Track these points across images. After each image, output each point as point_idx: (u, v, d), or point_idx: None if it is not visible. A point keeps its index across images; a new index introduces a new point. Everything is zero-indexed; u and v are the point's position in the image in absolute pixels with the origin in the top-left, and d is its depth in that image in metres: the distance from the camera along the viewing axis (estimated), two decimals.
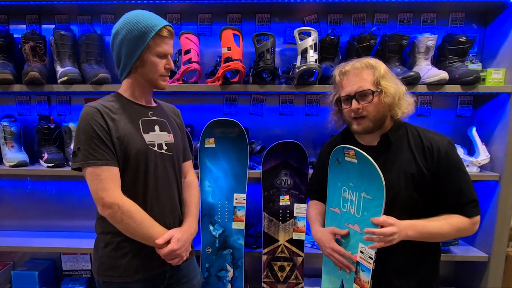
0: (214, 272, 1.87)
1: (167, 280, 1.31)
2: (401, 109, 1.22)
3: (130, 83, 1.27)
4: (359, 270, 1.19)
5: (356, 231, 1.20)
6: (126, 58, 1.21)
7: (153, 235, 1.20)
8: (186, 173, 1.46)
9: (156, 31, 1.18)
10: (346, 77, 1.24)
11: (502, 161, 1.80)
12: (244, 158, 1.84)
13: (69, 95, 2.10)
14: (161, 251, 1.21)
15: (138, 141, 1.21)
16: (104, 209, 1.15)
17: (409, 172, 1.19)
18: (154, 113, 1.32)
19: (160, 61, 1.22)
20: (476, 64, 1.85)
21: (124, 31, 1.19)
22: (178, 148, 1.36)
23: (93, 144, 1.14)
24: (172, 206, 1.31)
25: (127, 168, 1.20)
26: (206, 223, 1.86)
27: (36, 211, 2.19)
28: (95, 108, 1.18)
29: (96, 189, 1.15)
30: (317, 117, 2.09)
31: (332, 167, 1.31)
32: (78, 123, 1.18)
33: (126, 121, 1.21)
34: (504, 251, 1.85)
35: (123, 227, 1.17)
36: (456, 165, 1.18)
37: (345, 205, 1.25)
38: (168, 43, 1.23)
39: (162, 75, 1.25)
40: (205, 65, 1.98)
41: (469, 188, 1.18)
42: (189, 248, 1.32)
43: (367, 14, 1.99)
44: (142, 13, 1.21)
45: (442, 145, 1.19)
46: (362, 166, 1.17)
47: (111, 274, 1.23)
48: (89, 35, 1.85)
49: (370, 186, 1.15)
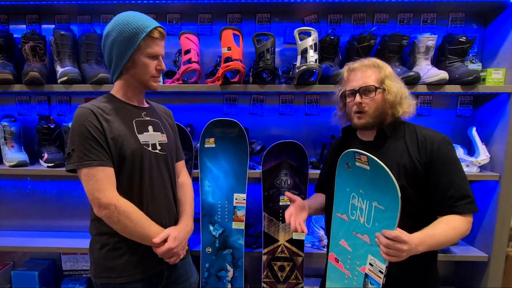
0: (214, 272, 1.87)
1: (165, 279, 1.31)
2: (403, 108, 1.24)
3: (122, 84, 1.28)
4: (367, 282, 1.12)
5: (366, 242, 1.13)
6: (117, 59, 1.21)
7: (150, 234, 1.20)
8: (179, 173, 1.47)
9: (147, 32, 1.18)
10: (354, 72, 1.29)
11: (502, 161, 1.80)
12: (244, 158, 1.84)
13: (69, 95, 2.10)
14: (158, 250, 1.22)
15: (133, 141, 1.21)
16: (101, 210, 1.15)
17: (401, 163, 1.20)
18: (147, 113, 1.32)
19: (151, 62, 1.23)
20: (476, 64, 1.85)
21: (115, 32, 1.19)
22: (171, 148, 1.36)
23: (87, 145, 1.14)
24: (167, 206, 1.32)
25: (122, 169, 1.21)
26: (206, 223, 1.86)
27: (36, 211, 2.19)
28: (88, 109, 1.18)
29: (92, 190, 1.15)
30: (317, 117, 2.09)
31: (341, 170, 1.24)
32: (72, 125, 1.18)
33: (120, 121, 1.22)
34: (504, 251, 1.85)
35: (120, 227, 1.18)
36: (449, 160, 1.18)
37: (354, 212, 1.19)
38: (159, 44, 1.23)
39: (153, 76, 1.25)
40: (205, 65, 1.98)
41: (462, 183, 1.17)
42: (185, 246, 1.33)
43: (367, 14, 1.99)
44: (133, 14, 1.21)
45: (436, 139, 1.20)
46: (376, 173, 1.10)
47: (108, 275, 1.23)
48: (89, 35, 1.84)
49: (383, 196, 1.08)
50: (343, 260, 1.23)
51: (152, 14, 1.98)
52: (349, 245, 1.20)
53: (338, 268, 1.25)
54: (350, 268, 1.20)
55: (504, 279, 1.89)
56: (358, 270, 1.16)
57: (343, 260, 1.23)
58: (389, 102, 1.23)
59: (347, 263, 1.21)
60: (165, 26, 2.02)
